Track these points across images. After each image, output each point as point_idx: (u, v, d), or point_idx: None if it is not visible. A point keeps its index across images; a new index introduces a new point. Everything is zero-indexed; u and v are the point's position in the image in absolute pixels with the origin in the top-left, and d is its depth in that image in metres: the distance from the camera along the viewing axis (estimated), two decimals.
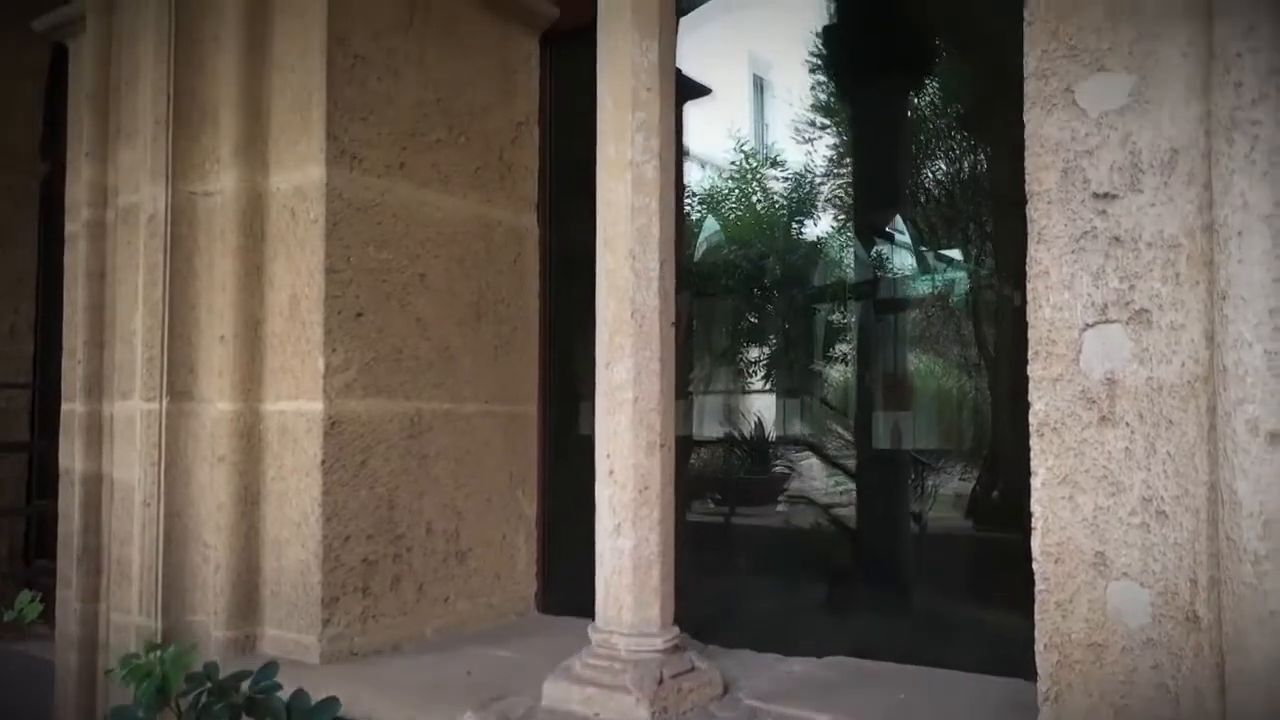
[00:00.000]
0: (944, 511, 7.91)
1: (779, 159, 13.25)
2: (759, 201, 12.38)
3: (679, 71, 2.35)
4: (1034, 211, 1.58)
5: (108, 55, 3.10)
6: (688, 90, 3.76)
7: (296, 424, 2.64)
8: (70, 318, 3.24)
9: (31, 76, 5.11)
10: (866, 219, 7.19)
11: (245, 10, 2.76)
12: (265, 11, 2.79)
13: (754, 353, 13.09)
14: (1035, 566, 1.57)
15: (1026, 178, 1.59)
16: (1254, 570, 1.32)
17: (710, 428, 10.83)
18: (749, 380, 14.08)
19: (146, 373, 2.79)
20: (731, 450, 8.90)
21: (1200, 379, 1.42)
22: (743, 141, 14.48)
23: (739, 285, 11.54)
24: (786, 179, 12.65)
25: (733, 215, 12.85)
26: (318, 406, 2.59)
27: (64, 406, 3.27)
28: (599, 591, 2.16)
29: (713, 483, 8.89)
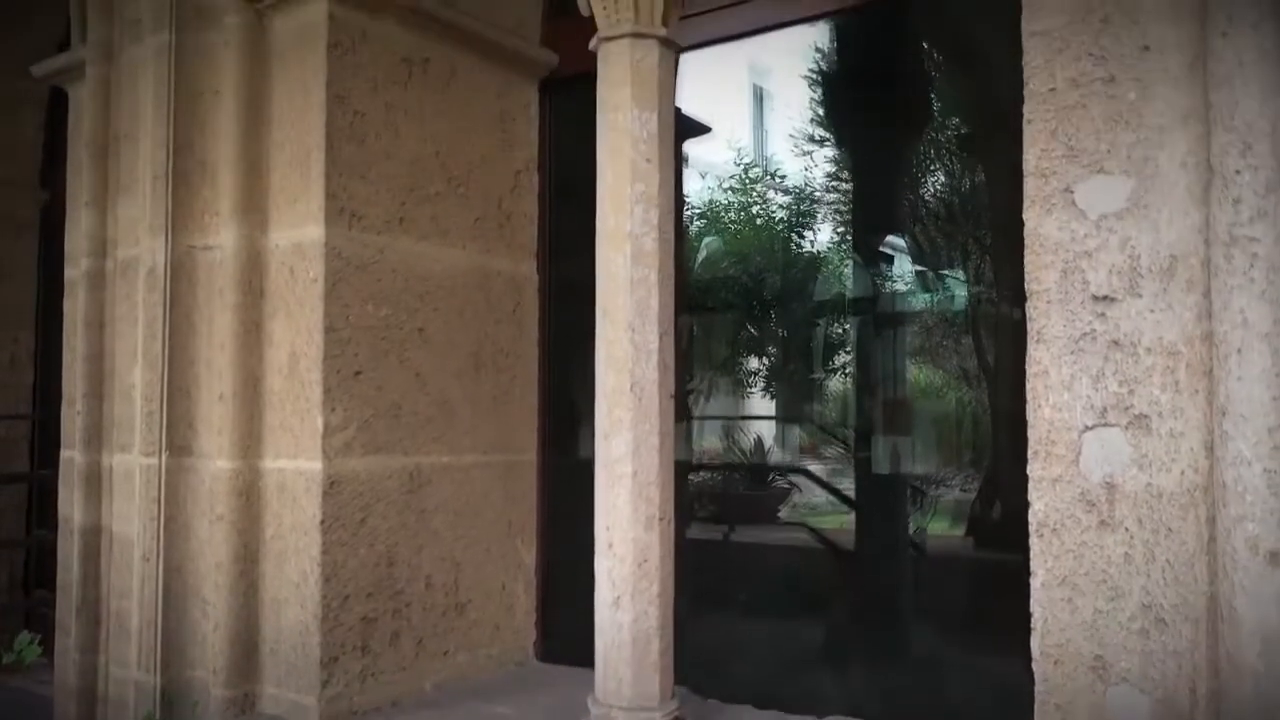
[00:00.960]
0: (944, 529, 7.90)
1: (778, 172, 13.24)
2: (759, 215, 12.37)
3: (677, 110, 2.35)
4: (1033, 310, 1.58)
5: (107, 105, 3.09)
6: (687, 129, 3.76)
7: (295, 482, 2.64)
8: (69, 365, 3.23)
9: (31, 105, 5.10)
10: (865, 238, 7.14)
11: (244, 66, 2.76)
12: (264, 67, 2.78)
13: (753, 363, 13.10)
14: (1034, 667, 1.57)
15: (1026, 276, 1.59)
16: (1254, 689, 1.31)
17: (709, 440, 10.80)
18: (748, 388, 14.11)
19: (146, 427, 2.79)
20: (730, 469, 8.86)
21: (1200, 488, 1.42)
22: (742, 154, 14.47)
23: (738, 299, 11.54)
24: (786, 191, 12.63)
25: (732, 228, 12.82)
26: (317, 466, 2.59)
27: (63, 453, 3.27)
28: (598, 664, 2.16)
29: (711, 498, 8.88)
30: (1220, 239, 1.37)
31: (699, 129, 4.13)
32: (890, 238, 6.60)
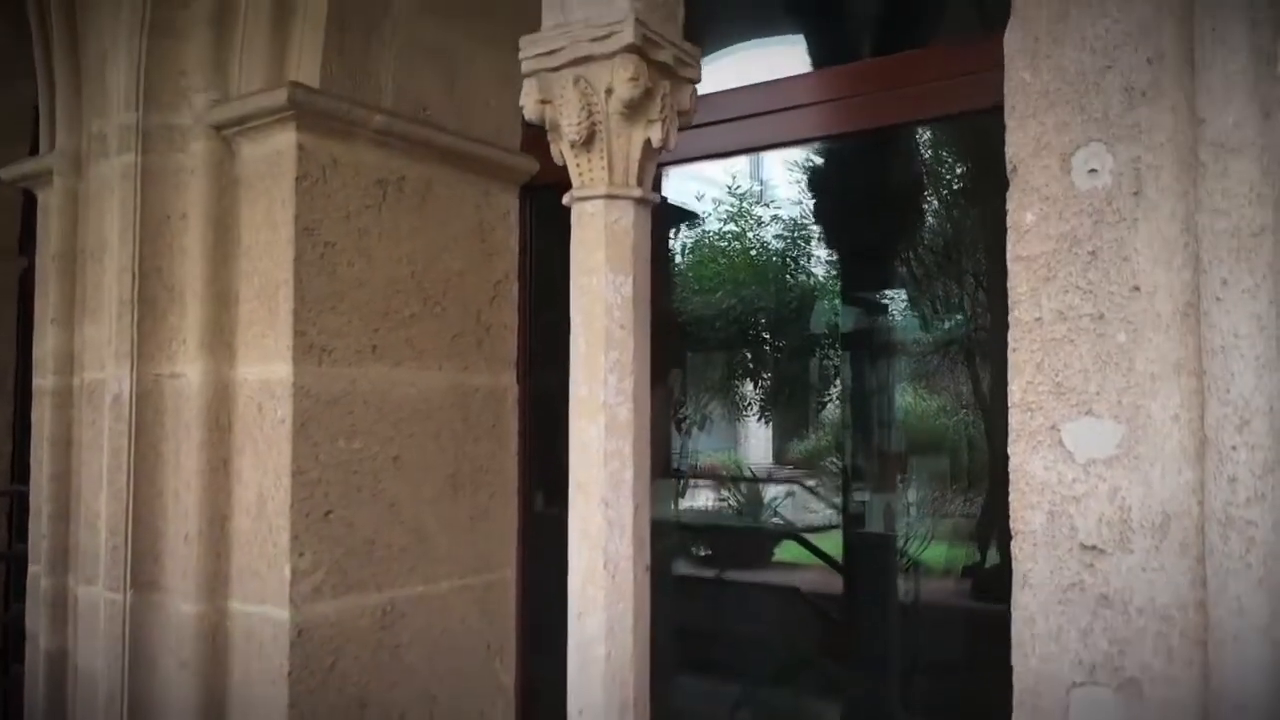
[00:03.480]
0: (937, 582, 7.82)
1: (772, 202, 13.15)
2: (752, 245, 12.30)
3: (665, 199, 2.25)
4: (1019, 551, 1.50)
5: (74, 219, 3.01)
6: (678, 216, 3.69)
7: (263, 629, 2.56)
8: (36, 478, 3.15)
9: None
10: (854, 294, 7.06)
11: (212, 193, 2.68)
12: (233, 193, 2.70)
13: (747, 389, 13.03)
14: None
15: (1011, 515, 1.51)
16: None
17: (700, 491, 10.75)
18: (743, 412, 14.03)
19: (110, 561, 2.71)
20: (718, 528, 8.77)
21: None
22: (736, 183, 14.40)
23: (733, 326, 11.46)
24: (781, 221, 12.56)
25: (726, 256, 12.75)
26: (284, 615, 2.51)
27: (30, 568, 3.19)
28: None
29: (702, 539, 8.80)
30: (1216, 516, 1.29)
31: (689, 215, 4.06)
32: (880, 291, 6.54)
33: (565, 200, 2.17)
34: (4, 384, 5.10)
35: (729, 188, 14.33)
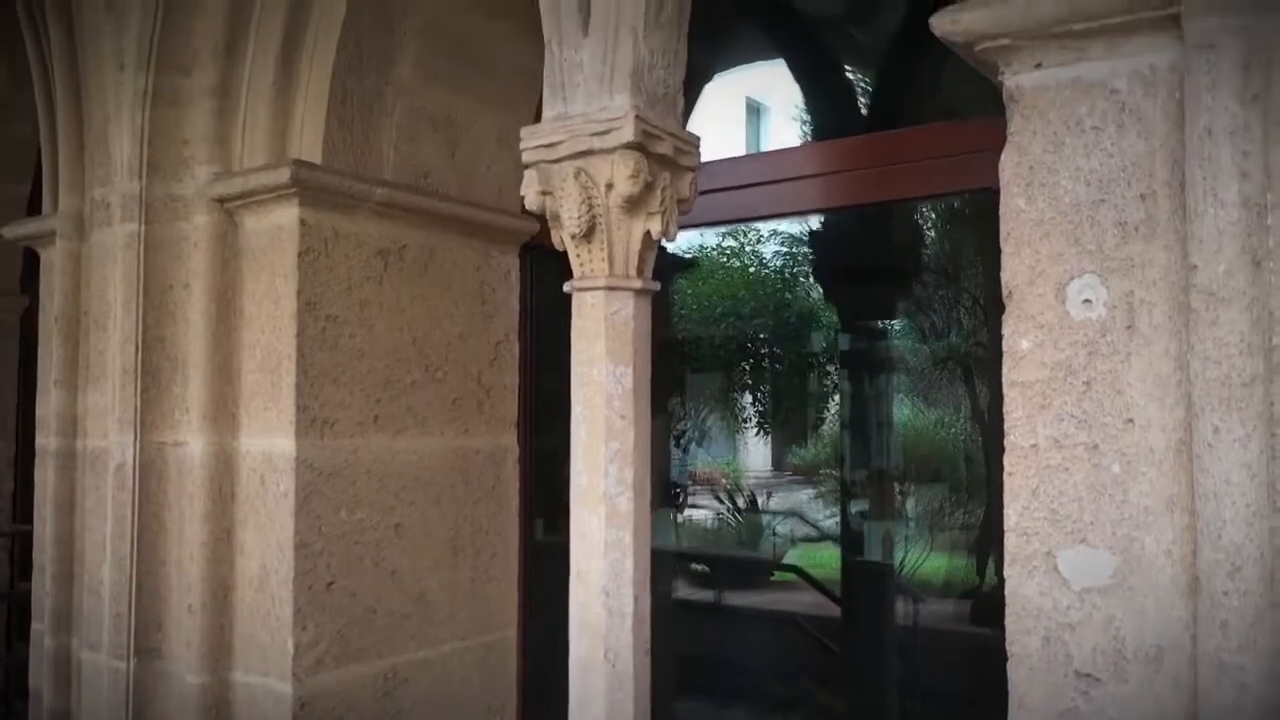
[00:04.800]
0: (935, 605, 7.82)
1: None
2: (751, 262, 12.32)
3: (663, 249, 2.25)
4: (1015, 674, 1.52)
5: (77, 281, 3.03)
6: (675, 265, 3.71)
7: (265, 701, 2.58)
8: (39, 535, 3.16)
9: (12, 209, 5.04)
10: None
11: (215, 266, 2.70)
12: (235, 265, 2.72)
13: (746, 403, 13.04)
14: None
15: (1007, 637, 1.53)
16: None
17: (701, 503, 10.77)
18: (743, 424, 14.04)
19: (114, 628, 2.73)
20: (717, 559, 8.76)
21: None
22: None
23: (730, 347, 11.48)
24: (779, 234, 12.57)
25: (724, 269, 12.76)
26: (286, 689, 2.53)
27: (34, 626, 3.21)
28: None
29: (701, 566, 8.81)
30: (1208, 658, 1.31)
31: (685, 264, 4.09)
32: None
33: (566, 288, 2.19)
34: (5, 422, 5.12)
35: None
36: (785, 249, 12.08)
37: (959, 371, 10.20)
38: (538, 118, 2.20)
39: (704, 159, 2.28)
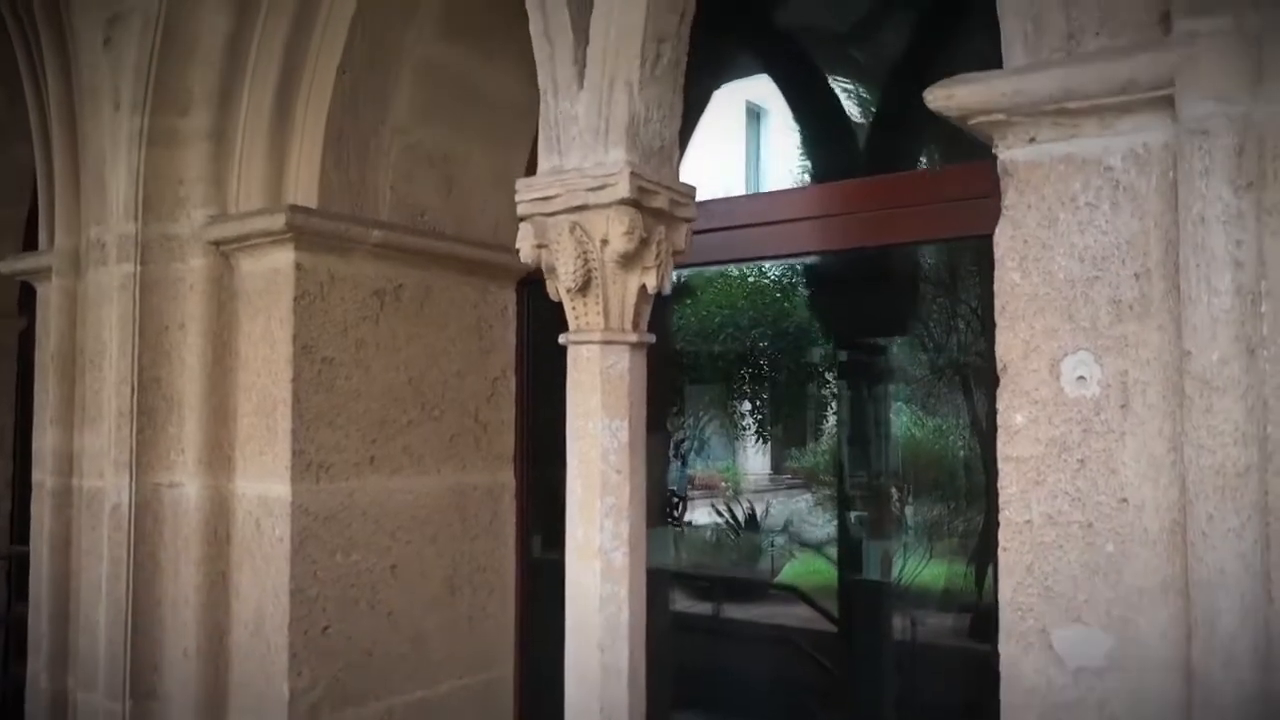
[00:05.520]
0: (935, 618, 7.81)
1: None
2: (750, 271, 12.29)
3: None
4: None
5: (73, 319, 3.02)
6: (671, 296, 3.69)
7: None
8: (36, 574, 3.16)
9: (11, 235, 5.04)
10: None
11: (210, 308, 2.70)
12: (231, 307, 2.72)
13: (745, 411, 13.03)
14: None
15: (1001, 714, 1.53)
16: None
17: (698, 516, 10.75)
18: (742, 430, 14.04)
19: (109, 669, 2.73)
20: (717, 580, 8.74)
21: None
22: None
23: (729, 356, 11.46)
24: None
25: (724, 277, 12.73)
26: None
27: (30, 663, 3.20)
28: None
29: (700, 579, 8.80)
30: None
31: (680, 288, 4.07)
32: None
33: (562, 340, 2.18)
34: (3, 443, 5.11)
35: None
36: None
37: (957, 380, 10.21)
38: (534, 154, 2.20)
39: (702, 193, 2.29)
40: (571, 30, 2.12)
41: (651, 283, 2.11)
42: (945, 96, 1.53)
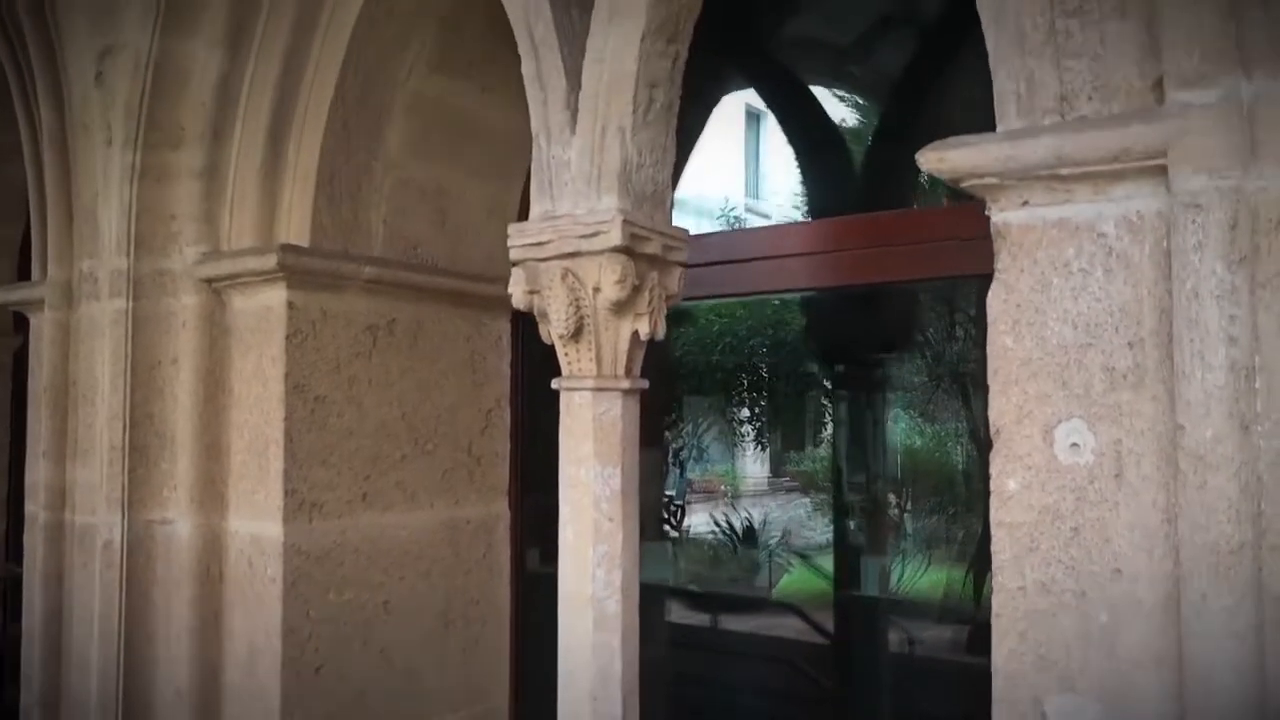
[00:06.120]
0: (933, 630, 7.79)
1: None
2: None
3: None
4: None
5: (66, 352, 3.00)
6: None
7: None
8: (29, 611, 3.14)
9: (7, 257, 5.02)
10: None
11: (203, 345, 2.69)
12: (224, 341, 2.71)
13: (744, 420, 13.04)
14: None
15: None
16: None
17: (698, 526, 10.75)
18: (741, 438, 14.04)
19: (100, 709, 2.72)
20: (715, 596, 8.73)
21: None
22: (731, 207, 14.41)
23: (728, 365, 11.46)
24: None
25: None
26: None
27: (23, 699, 3.18)
28: None
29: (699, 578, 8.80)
30: None
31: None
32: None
33: (554, 385, 2.17)
34: (1, 459, 5.10)
35: (722, 211, 14.32)
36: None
37: (955, 388, 10.22)
38: (528, 183, 2.18)
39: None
40: (564, 75, 2.12)
41: (644, 329, 2.10)
42: (937, 159, 1.52)
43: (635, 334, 2.10)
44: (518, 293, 2.16)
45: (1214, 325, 1.29)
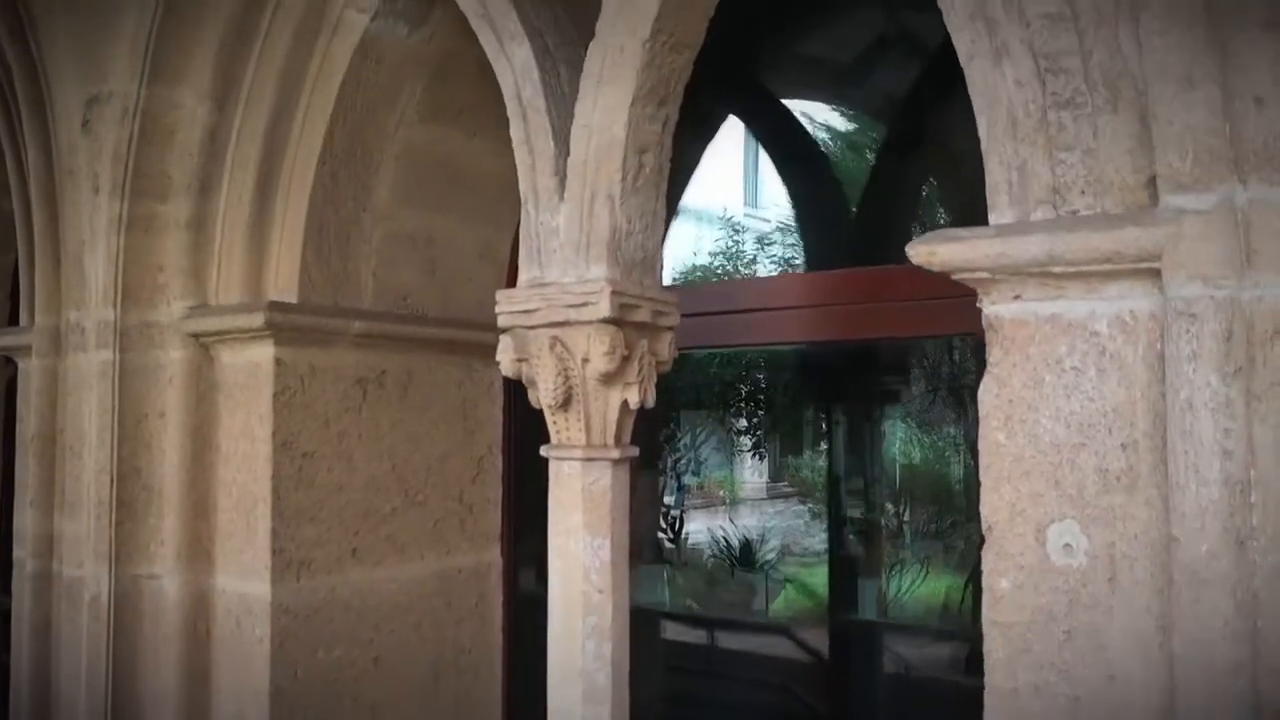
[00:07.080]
0: (930, 649, 7.76)
1: (768, 238, 13.17)
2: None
3: None
4: None
5: (53, 401, 2.97)
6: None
7: None
8: (16, 642, 3.10)
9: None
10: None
11: (190, 401, 2.66)
12: (212, 395, 2.69)
13: (742, 429, 13.01)
14: None
15: None
16: None
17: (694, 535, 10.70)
18: (740, 447, 14.00)
19: None
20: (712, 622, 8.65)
21: None
22: (730, 215, 14.39)
23: (726, 371, 11.43)
24: (775, 262, 12.55)
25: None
26: None
27: None
28: None
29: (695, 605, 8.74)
30: None
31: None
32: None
33: (543, 452, 2.15)
34: None
35: (720, 216, 14.30)
36: (779, 267, 12.07)
37: (952, 400, 10.21)
38: (519, 229, 2.15)
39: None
40: (552, 139, 2.09)
41: (634, 398, 2.07)
42: (928, 253, 1.50)
43: (625, 403, 2.08)
44: (506, 361, 2.13)
45: (1209, 438, 1.26)
